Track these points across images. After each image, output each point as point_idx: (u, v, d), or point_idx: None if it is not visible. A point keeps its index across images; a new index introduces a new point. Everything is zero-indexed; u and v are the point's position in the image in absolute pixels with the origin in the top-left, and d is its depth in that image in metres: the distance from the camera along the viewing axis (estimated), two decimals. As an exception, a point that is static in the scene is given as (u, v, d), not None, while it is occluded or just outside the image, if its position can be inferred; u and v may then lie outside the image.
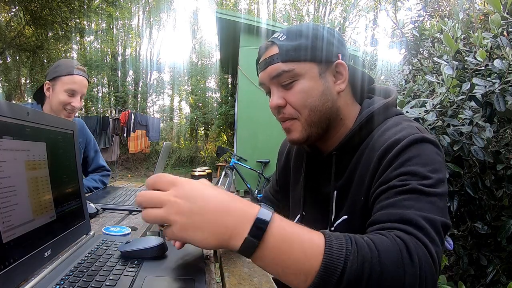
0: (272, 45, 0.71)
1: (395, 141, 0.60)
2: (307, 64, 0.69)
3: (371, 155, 0.65)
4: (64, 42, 9.97)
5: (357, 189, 0.67)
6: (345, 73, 0.72)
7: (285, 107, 0.71)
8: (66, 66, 1.37)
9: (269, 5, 16.12)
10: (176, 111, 15.53)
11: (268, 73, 0.71)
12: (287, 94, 0.71)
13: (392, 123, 0.67)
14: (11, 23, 8.79)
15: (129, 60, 13.93)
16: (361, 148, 0.69)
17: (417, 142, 0.59)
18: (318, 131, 0.72)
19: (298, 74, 0.69)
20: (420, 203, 0.52)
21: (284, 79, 0.69)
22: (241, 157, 6.00)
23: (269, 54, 0.71)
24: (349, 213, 0.69)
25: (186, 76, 14.85)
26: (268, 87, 0.74)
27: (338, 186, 0.72)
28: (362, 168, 0.67)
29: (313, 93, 0.69)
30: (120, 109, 9.58)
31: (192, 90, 14.03)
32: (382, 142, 0.63)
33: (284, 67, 0.68)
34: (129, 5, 13.01)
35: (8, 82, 10.36)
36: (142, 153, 10.39)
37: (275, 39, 0.71)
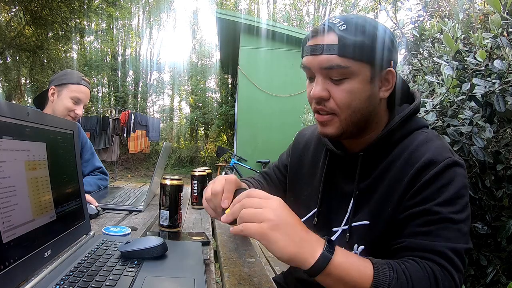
0: (330, 31, 0.66)
1: (431, 162, 0.64)
2: (362, 65, 0.66)
3: (405, 170, 0.66)
4: (64, 42, 9.96)
5: (383, 198, 0.68)
6: (392, 82, 0.71)
7: (328, 101, 0.69)
8: (74, 76, 1.48)
9: (269, 5, 16.13)
10: (176, 111, 15.53)
11: (320, 62, 0.67)
12: (333, 89, 0.68)
13: (424, 138, 0.69)
14: (11, 23, 8.79)
15: (129, 60, 13.93)
16: (392, 156, 0.70)
17: (450, 167, 0.63)
18: (353, 131, 0.71)
19: (351, 73, 0.66)
20: (450, 232, 0.60)
21: (335, 74, 0.66)
22: (241, 157, 6.00)
23: (326, 41, 0.66)
24: (371, 218, 0.70)
25: (186, 76, 14.85)
26: (312, 72, 0.70)
27: (360, 187, 0.73)
28: (393, 179, 0.68)
29: (360, 96, 0.67)
30: (120, 109, 9.58)
31: (192, 90, 14.02)
32: (417, 158, 0.66)
33: (340, 62, 0.65)
34: (129, 5, 13.00)
35: (8, 82, 10.35)
36: (142, 153, 10.39)
37: (334, 25, 0.66)
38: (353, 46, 0.64)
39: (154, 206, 1.26)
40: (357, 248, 0.71)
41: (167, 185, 0.92)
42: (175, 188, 0.93)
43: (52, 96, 1.44)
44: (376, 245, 0.68)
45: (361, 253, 0.70)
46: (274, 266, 2.21)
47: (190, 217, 1.13)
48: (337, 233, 0.76)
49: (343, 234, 0.75)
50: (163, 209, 0.93)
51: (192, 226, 1.02)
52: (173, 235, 0.88)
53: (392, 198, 0.67)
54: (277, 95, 6.19)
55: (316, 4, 15.31)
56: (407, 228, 0.63)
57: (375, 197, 0.70)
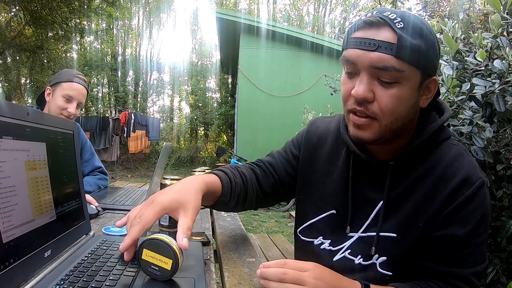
0: (386, 27, 0.59)
1: (466, 181, 0.64)
2: (415, 71, 0.61)
3: (439, 185, 0.66)
4: (64, 42, 9.96)
5: (414, 211, 0.67)
6: (434, 90, 0.68)
7: (371, 103, 0.62)
8: (67, 74, 1.44)
9: (269, 5, 16.13)
10: (176, 111, 15.53)
11: (372, 59, 0.60)
12: (380, 91, 0.61)
13: (457, 152, 0.68)
14: (11, 23, 8.79)
15: (129, 60, 13.92)
16: (424, 168, 0.68)
17: (482, 187, 0.64)
18: (388, 137, 0.66)
19: (404, 78, 0.60)
20: (474, 256, 0.65)
21: (387, 76, 0.60)
22: (241, 157, 5.99)
23: (382, 37, 0.59)
24: (399, 232, 0.68)
25: (186, 76, 14.85)
26: (356, 68, 0.63)
27: (389, 197, 0.69)
28: (426, 193, 0.66)
29: (406, 104, 0.63)
30: (120, 109, 9.57)
31: (192, 90, 14.02)
32: (452, 175, 0.65)
33: (396, 65, 0.59)
34: (129, 5, 12.99)
35: (8, 82, 10.35)
36: (142, 153, 10.39)
37: (391, 21, 0.59)
38: (411, 49, 0.59)
39: (154, 206, 1.26)
40: (377, 258, 0.69)
41: (167, 185, 0.92)
42: (175, 188, 0.93)
43: (48, 96, 1.43)
44: (400, 259, 0.68)
45: (380, 264, 0.69)
46: (274, 266, 2.20)
47: (190, 217, 1.13)
48: (353, 239, 0.73)
49: (359, 240, 0.72)
50: (163, 209, 0.93)
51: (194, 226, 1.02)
52: (173, 235, 0.88)
53: (425, 213, 0.66)
54: (277, 95, 6.19)
55: (316, 4, 15.30)
56: (435, 248, 0.66)
57: (405, 209, 0.68)
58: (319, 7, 15.32)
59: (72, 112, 1.42)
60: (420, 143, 0.67)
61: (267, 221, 4.83)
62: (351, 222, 0.74)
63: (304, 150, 0.85)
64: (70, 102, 1.41)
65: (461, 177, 0.64)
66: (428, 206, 0.66)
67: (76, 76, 1.43)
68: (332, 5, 15.14)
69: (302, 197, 0.85)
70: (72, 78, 1.41)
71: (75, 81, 1.42)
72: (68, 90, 1.40)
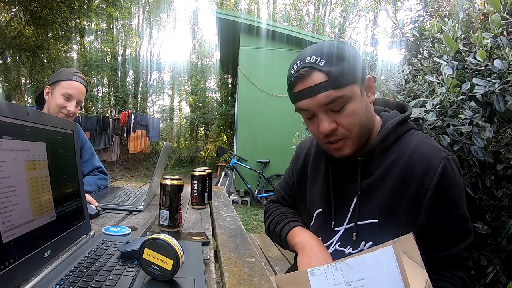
0: (314, 71, 0.71)
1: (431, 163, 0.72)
2: (352, 86, 0.72)
3: (407, 172, 0.74)
4: (64, 42, 9.95)
5: (389, 197, 0.75)
6: (373, 85, 0.78)
7: (337, 129, 0.74)
8: (66, 72, 1.43)
9: (269, 5, 16.12)
10: (176, 111, 15.52)
11: (318, 101, 0.71)
12: (338, 117, 0.73)
13: (418, 140, 0.77)
14: (11, 23, 8.79)
15: (129, 60, 13.91)
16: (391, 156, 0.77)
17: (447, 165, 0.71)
18: (362, 142, 0.78)
19: (348, 97, 0.71)
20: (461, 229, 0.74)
21: (336, 105, 0.71)
22: (241, 157, 6.00)
23: (315, 82, 0.71)
24: (380, 217, 0.76)
25: (186, 76, 14.83)
26: (312, 112, 0.75)
27: (362, 186, 0.79)
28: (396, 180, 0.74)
29: (360, 112, 0.74)
30: (120, 109, 9.57)
31: (192, 90, 14.01)
32: (417, 160, 0.73)
33: (336, 94, 0.70)
34: (129, 5, 12.98)
35: (8, 82, 10.35)
36: (142, 153, 10.38)
37: (315, 64, 0.71)
38: (341, 75, 0.70)
39: (154, 206, 1.26)
40: (364, 244, 0.77)
41: (167, 185, 0.92)
42: (175, 188, 0.93)
43: (47, 95, 1.42)
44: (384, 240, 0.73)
45: (368, 248, 0.76)
46: (274, 266, 2.21)
47: (190, 217, 1.13)
48: (340, 232, 0.81)
49: (346, 232, 0.80)
50: (163, 209, 0.93)
51: (192, 226, 1.02)
52: (173, 235, 0.87)
53: (401, 198, 0.74)
54: (277, 95, 6.18)
55: (316, 4, 15.30)
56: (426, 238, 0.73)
57: (379, 196, 0.76)
58: (319, 7, 15.32)
59: (71, 110, 1.41)
60: (383, 137, 0.77)
61: (267, 221, 4.82)
62: (335, 217, 0.82)
63: (296, 170, 0.99)
64: (69, 101, 1.40)
65: (426, 161, 0.72)
66: (402, 191, 0.74)
67: (75, 75, 1.42)
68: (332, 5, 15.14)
69: (303, 207, 0.96)
70: (71, 76, 1.40)
71: (74, 80, 1.41)
72: (67, 89, 1.39)
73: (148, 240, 0.56)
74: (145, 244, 0.56)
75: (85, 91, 1.48)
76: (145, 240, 0.56)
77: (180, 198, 0.94)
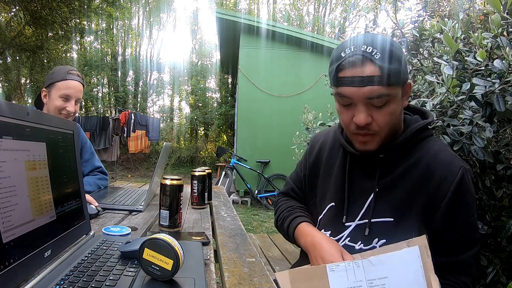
0: (368, 62, 0.70)
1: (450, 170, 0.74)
2: (398, 88, 0.73)
3: (426, 175, 0.75)
4: (64, 42, 9.95)
5: (406, 197, 0.76)
6: (409, 91, 0.80)
7: (371, 124, 0.74)
8: (60, 72, 1.39)
9: (269, 5, 16.12)
10: (176, 111, 15.52)
11: (364, 93, 0.71)
12: (375, 113, 0.73)
13: (439, 146, 0.79)
14: (11, 23, 8.79)
15: (129, 60, 13.91)
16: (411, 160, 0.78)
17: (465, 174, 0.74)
18: (387, 140, 0.79)
19: (392, 97, 0.72)
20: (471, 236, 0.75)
21: (379, 101, 0.72)
22: (241, 157, 5.99)
23: (367, 73, 0.70)
24: (396, 216, 0.77)
25: (186, 76, 14.82)
26: (351, 101, 0.74)
27: (380, 184, 0.80)
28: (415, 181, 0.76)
29: (396, 114, 0.75)
30: (120, 109, 9.57)
31: (192, 90, 14.01)
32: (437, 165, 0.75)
33: (384, 91, 0.70)
34: (129, 5, 12.98)
35: (8, 82, 10.35)
36: (142, 153, 10.38)
37: (370, 55, 0.69)
38: (393, 74, 0.70)
39: (154, 206, 1.26)
40: (377, 242, 0.78)
41: (167, 185, 0.92)
42: (175, 188, 0.93)
43: (45, 98, 1.40)
44: (398, 240, 0.75)
45: (380, 246, 0.77)
46: (274, 266, 2.21)
47: (190, 217, 1.13)
48: (351, 227, 0.82)
49: (357, 228, 0.81)
50: (163, 209, 0.93)
51: (192, 226, 1.02)
52: (173, 235, 0.87)
53: (417, 199, 0.75)
54: (277, 95, 6.18)
55: (316, 4, 15.30)
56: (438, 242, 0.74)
57: (396, 195, 0.77)
58: (319, 7, 15.31)
59: (71, 110, 1.39)
60: (405, 138, 0.79)
61: (267, 221, 4.83)
62: (347, 212, 0.83)
63: (309, 162, 0.99)
64: (68, 101, 1.38)
65: (446, 167, 0.74)
66: (419, 193, 0.75)
67: (69, 73, 1.38)
68: (332, 5, 15.14)
69: (313, 200, 0.96)
70: (65, 76, 1.37)
71: (69, 79, 1.37)
72: (64, 90, 1.36)
73: (148, 240, 0.56)
74: (145, 244, 0.56)
75: (82, 88, 1.44)
76: (145, 240, 0.56)
77: (180, 198, 0.94)
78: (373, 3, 2.17)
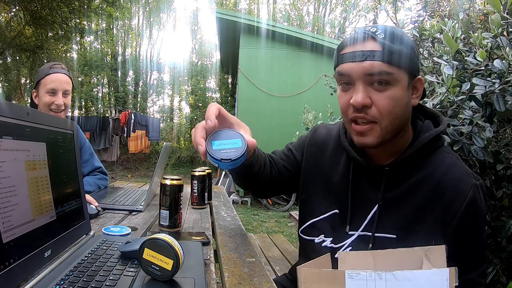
0: (370, 39, 0.67)
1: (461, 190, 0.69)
2: (403, 73, 0.68)
3: (436, 193, 0.70)
4: (64, 42, 9.96)
5: (412, 215, 0.71)
6: (421, 89, 0.74)
7: (369, 108, 0.68)
8: (43, 69, 1.39)
9: (269, 5, 16.12)
10: (176, 111, 15.51)
11: (364, 68, 0.66)
12: (376, 96, 0.68)
13: (451, 160, 0.73)
14: (11, 23, 8.79)
15: (129, 60, 13.91)
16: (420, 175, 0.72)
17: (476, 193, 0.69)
18: (389, 138, 0.72)
19: (395, 80, 0.67)
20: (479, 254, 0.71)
21: (379, 80, 0.66)
22: (241, 157, 5.98)
23: (368, 48, 0.66)
24: (399, 233, 0.72)
25: (186, 76, 14.83)
26: (351, 79, 0.69)
27: (386, 197, 0.74)
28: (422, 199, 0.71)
29: (401, 103, 0.69)
30: (120, 109, 9.57)
31: (192, 90, 14.01)
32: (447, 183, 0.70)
33: (386, 68, 0.66)
34: (129, 5, 12.98)
35: (8, 82, 10.35)
36: (142, 153, 10.38)
37: (373, 34, 0.67)
38: (395, 53, 0.66)
39: (154, 206, 1.26)
40: None
41: (167, 185, 0.92)
42: (175, 188, 0.93)
43: (36, 99, 1.41)
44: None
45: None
46: (274, 266, 2.21)
47: (190, 217, 1.13)
48: (353, 237, 0.77)
49: (360, 239, 0.77)
50: (163, 209, 0.93)
51: (192, 226, 1.02)
52: (173, 235, 0.87)
53: (423, 218, 0.70)
54: (277, 95, 6.18)
55: (316, 4, 15.30)
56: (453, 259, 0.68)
57: (402, 211, 0.72)
58: (319, 7, 15.32)
59: (59, 103, 1.37)
60: (415, 151, 0.72)
61: (267, 221, 4.83)
62: (350, 221, 0.78)
63: (306, 154, 0.91)
64: (54, 95, 1.37)
65: (456, 186, 0.69)
66: (426, 212, 0.70)
67: (51, 68, 1.38)
68: (332, 5, 15.14)
69: (304, 197, 0.89)
70: (48, 71, 1.37)
71: (52, 72, 1.37)
72: (48, 84, 1.35)
73: (148, 240, 0.56)
74: (145, 244, 0.56)
75: (69, 80, 1.42)
76: (145, 240, 0.56)
77: (180, 198, 0.94)
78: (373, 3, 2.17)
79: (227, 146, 0.64)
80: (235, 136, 0.65)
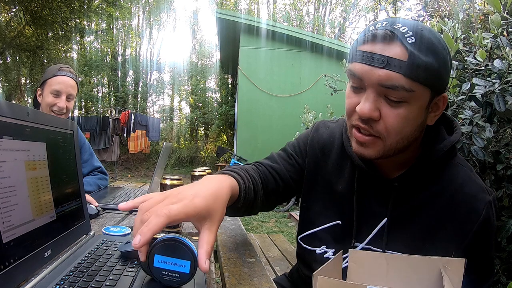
0: (395, 41, 0.55)
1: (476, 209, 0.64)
2: (425, 90, 0.57)
3: (449, 211, 0.65)
4: (64, 42, 9.96)
5: (421, 233, 0.67)
6: (442, 107, 0.64)
7: (376, 122, 0.59)
8: (52, 70, 1.41)
9: (269, 5, 16.13)
10: (176, 111, 15.52)
11: (380, 76, 0.55)
12: (386, 110, 0.58)
13: (465, 174, 0.67)
14: (11, 23, 8.79)
15: (129, 60, 13.92)
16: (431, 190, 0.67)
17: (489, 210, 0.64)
18: (392, 154, 0.64)
19: (413, 98, 0.56)
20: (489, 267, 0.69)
21: (395, 95, 0.56)
22: (241, 157, 5.99)
23: (391, 53, 0.55)
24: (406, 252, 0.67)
25: (186, 76, 14.84)
26: (362, 84, 0.59)
27: (394, 213, 0.69)
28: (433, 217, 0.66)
29: (413, 123, 0.60)
30: (120, 109, 9.58)
31: (192, 90, 14.02)
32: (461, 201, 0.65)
33: (405, 84, 0.55)
34: (129, 5, 13.00)
35: (8, 82, 10.35)
36: (142, 153, 10.39)
37: (402, 36, 0.55)
38: (423, 67, 0.54)
39: (154, 206, 1.26)
40: None
41: (167, 185, 0.92)
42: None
43: (39, 97, 1.42)
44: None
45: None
46: (274, 266, 2.21)
47: (190, 217, 1.13)
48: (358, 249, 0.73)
49: None
50: (163, 209, 0.93)
51: (192, 226, 1.02)
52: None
53: (434, 237, 0.66)
54: (277, 95, 6.19)
55: (316, 4, 15.30)
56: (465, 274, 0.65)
57: (411, 229, 0.68)
58: (319, 7, 15.32)
59: (62, 106, 1.38)
60: (427, 164, 0.65)
61: (267, 221, 4.83)
62: (357, 232, 0.73)
63: (309, 158, 0.82)
64: (58, 97, 1.38)
65: (470, 204, 0.64)
66: (437, 230, 0.66)
67: (60, 70, 1.39)
68: (332, 5, 15.14)
69: (305, 205, 0.83)
70: (56, 72, 1.38)
71: (59, 74, 1.38)
72: (54, 85, 1.36)
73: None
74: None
75: (75, 84, 1.43)
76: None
77: (180, 198, 0.94)
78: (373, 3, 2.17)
79: (171, 267, 0.49)
80: (185, 255, 0.48)
